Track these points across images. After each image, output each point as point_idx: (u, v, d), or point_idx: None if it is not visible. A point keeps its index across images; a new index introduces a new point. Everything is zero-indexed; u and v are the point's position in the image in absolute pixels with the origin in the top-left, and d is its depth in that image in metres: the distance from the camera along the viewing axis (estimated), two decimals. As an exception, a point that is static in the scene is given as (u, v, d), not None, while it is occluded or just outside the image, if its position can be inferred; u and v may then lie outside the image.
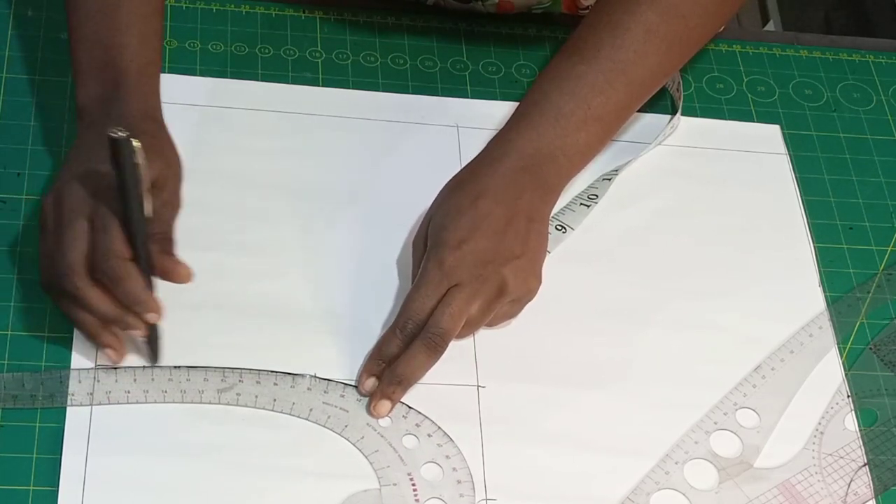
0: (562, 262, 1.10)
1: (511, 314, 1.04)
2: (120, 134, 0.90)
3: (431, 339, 0.99)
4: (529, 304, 1.05)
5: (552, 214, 1.07)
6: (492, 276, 1.00)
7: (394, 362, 0.99)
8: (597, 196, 1.14)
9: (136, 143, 0.92)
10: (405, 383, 0.99)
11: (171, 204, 1.01)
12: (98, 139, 0.96)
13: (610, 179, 1.15)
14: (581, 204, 1.13)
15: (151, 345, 0.99)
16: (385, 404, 0.99)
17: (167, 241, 0.99)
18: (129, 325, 0.96)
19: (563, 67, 1.07)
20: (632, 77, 1.06)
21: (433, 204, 1.05)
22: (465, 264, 1.00)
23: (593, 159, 1.09)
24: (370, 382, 1.00)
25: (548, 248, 1.05)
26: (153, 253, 0.97)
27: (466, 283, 0.99)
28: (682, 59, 1.10)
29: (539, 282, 1.03)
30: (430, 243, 1.02)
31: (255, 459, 0.96)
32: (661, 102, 1.21)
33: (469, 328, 1.01)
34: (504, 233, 1.01)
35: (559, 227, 1.11)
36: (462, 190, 1.03)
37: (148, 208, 0.95)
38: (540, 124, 1.05)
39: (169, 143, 1.03)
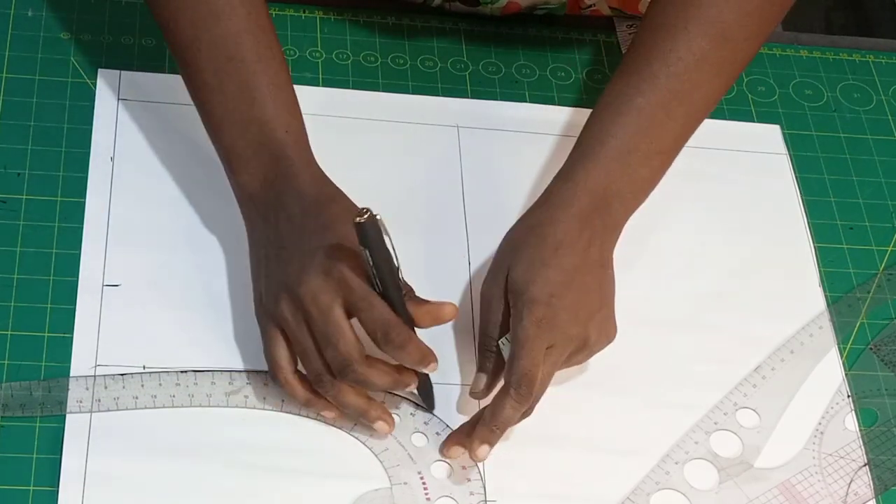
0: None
1: (582, 360, 1.02)
2: (366, 217, 0.90)
3: (522, 393, 0.96)
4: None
5: None
6: (579, 335, 0.99)
7: (507, 428, 0.97)
8: None
9: (379, 217, 0.91)
10: (499, 436, 0.97)
11: None
12: (294, 221, 0.97)
13: None
14: None
15: (424, 390, 0.99)
16: (485, 448, 0.96)
17: (409, 290, 0.98)
18: (407, 384, 0.96)
19: (621, 101, 1.05)
20: (688, 107, 1.05)
21: (506, 248, 1.02)
22: (559, 323, 0.97)
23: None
24: (485, 451, 0.96)
25: None
26: (413, 306, 0.96)
27: (560, 343, 0.98)
28: (731, 83, 1.09)
29: (616, 330, 1.02)
30: (517, 298, 0.98)
31: (262, 459, 0.96)
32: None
33: (547, 379, 0.99)
34: (586, 286, 1.00)
35: None
36: (540, 239, 1.00)
37: (400, 271, 0.95)
38: (606, 163, 1.03)
39: (344, 197, 1.01)
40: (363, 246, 0.92)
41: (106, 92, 1.13)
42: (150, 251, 1.05)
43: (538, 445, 1.01)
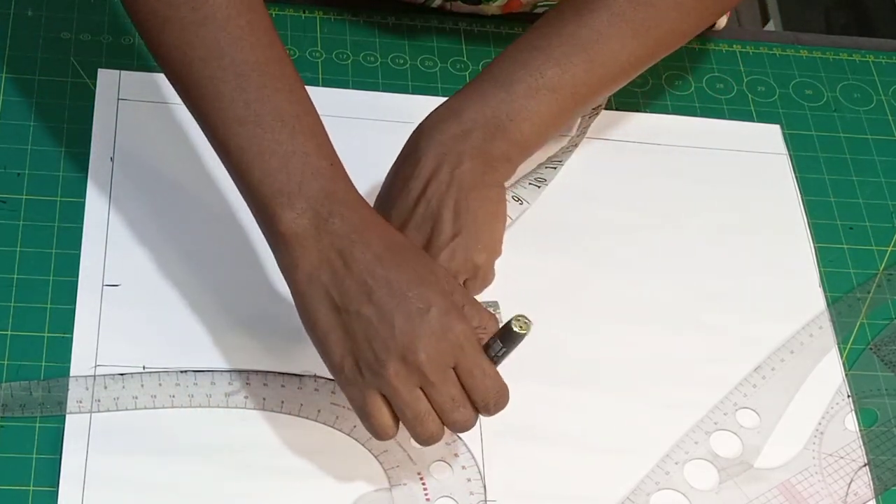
0: (562, 262, 1.10)
1: (474, 289, 0.98)
2: (524, 326, 0.90)
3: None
4: (528, 303, 1.05)
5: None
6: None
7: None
8: (545, 180, 1.10)
9: (530, 321, 0.91)
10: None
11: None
12: (384, 277, 0.90)
13: (555, 168, 1.11)
14: (530, 184, 1.09)
15: None
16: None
17: None
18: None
19: (521, 43, 1.04)
20: (592, 55, 1.02)
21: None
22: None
23: (548, 136, 1.03)
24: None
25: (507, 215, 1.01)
26: None
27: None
28: (654, 50, 1.07)
29: (485, 253, 0.97)
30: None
31: (261, 460, 0.96)
32: (656, 102, 1.21)
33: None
34: (439, 219, 0.96)
35: (515, 198, 1.06)
36: (397, 171, 0.99)
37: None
38: (486, 91, 1.01)
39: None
40: (503, 343, 0.91)
41: (106, 92, 1.13)
42: (150, 251, 1.05)
43: (538, 445, 1.01)
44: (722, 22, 1.29)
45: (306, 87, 1.16)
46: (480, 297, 0.97)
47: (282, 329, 1.03)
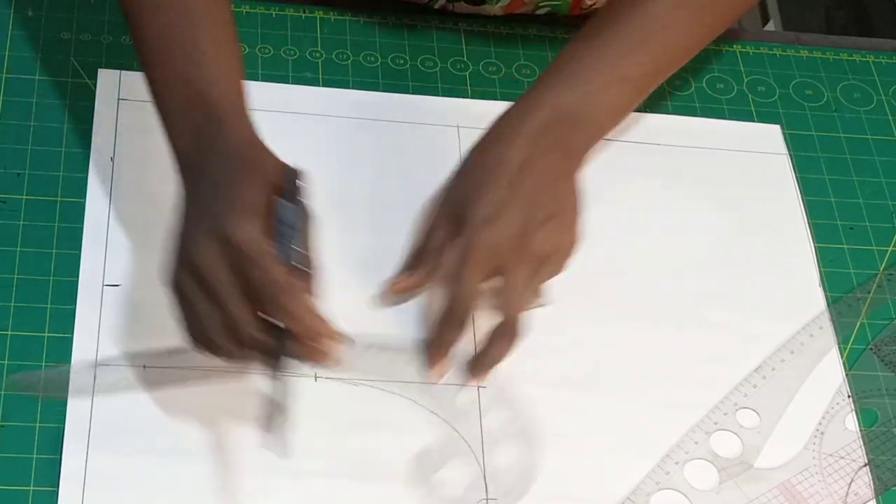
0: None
1: (555, 274, 1.03)
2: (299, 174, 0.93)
3: (511, 327, 1.00)
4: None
5: None
6: (529, 246, 0.99)
7: (454, 345, 1.01)
8: None
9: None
10: (491, 369, 1.01)
11: None
12: (209, 184, 0.93)
13: None
14: None
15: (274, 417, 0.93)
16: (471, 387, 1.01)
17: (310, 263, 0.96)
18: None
19: (588, 34, 1.07)
20: (660, 43, 1.06)
21: (454, 171, 1.04)
22: (501, 241, 0.99)
23: (619, 125, 1.08)
24: (440, 370, 1.01)
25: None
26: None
27: (509, 261, 0.99)
28: (712, 31, 1.11)
29: (575, 238, 1.02)
30: (460, 221, 1.00)
31: (262, 458, 0.96)
32: (656, 102, 1.21)
33: (530, 299, 1.02)
34: (533, 200, 1.00)
35: None
36: (483, 158, 1.02)
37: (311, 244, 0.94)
38: (562, 85, 1.04)
39: (272, 157, 0.98)
40: (289, 200, 0.93)
41: (106, 92, 1.13)
42: (150, 251, 1.04)
43: (539, 445, 1.01)
44: None
45: (307, 87, 1.17)
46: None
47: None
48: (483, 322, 1.03)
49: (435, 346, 1.01)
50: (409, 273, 1.04)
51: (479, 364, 1.01)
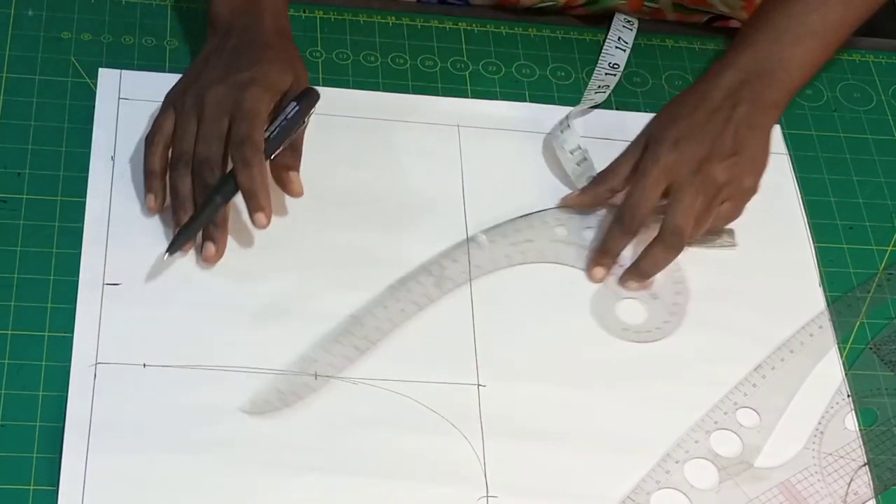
0: (561, 261, 1.10)
1: (731, 216, 1.11)
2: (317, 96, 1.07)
3: (670, 238, 1.06)
4: (529, 303, 1.05)
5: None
6: (708, 172, 1.06)
7: (616, 255, 1.08)
8: (609, 87, 1.21)
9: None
10: (646, 277, 1.08)
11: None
12: (237, 47, 1.06)
13: (615, 75, 1.22)
14: (597, 92, 1.20)
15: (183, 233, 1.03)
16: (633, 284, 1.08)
17: (296, 155, 1.06)
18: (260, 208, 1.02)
19: None
20: None
21: (653, 119, 1.12)
22: (683, 161, 1.06)
23: (814, 75, 1.17)
24: (600, 272, 1.08)
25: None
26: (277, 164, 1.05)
27: (685, 180, 1.06)
28: None
29: (756, 183, 1.10)
30: (648, 143, 1.09)
31: (262, 457, 0.96)
32: (656, 102, 1.21)
33: (698, 226, 1.07)
34: (721, 135, 1.08)
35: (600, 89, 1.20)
36: (680, 103, 1.11)
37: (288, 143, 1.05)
38: (757, 41, 1.13)
39: (299, 60, 1.10)
40: (298, 102, 1.05)
41: (106, 91, 1.13)
42: (150, 251, 1.05)
43: (540, 443, 1.01)
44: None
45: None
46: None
47: (282, 327, 1.03)
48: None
49: (601, 249, 1.09)
50: (594, 187, 1.11)
51: (636, 269, 1.08)
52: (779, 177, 1.19)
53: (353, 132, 1.15)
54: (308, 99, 1.07)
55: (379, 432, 0.99)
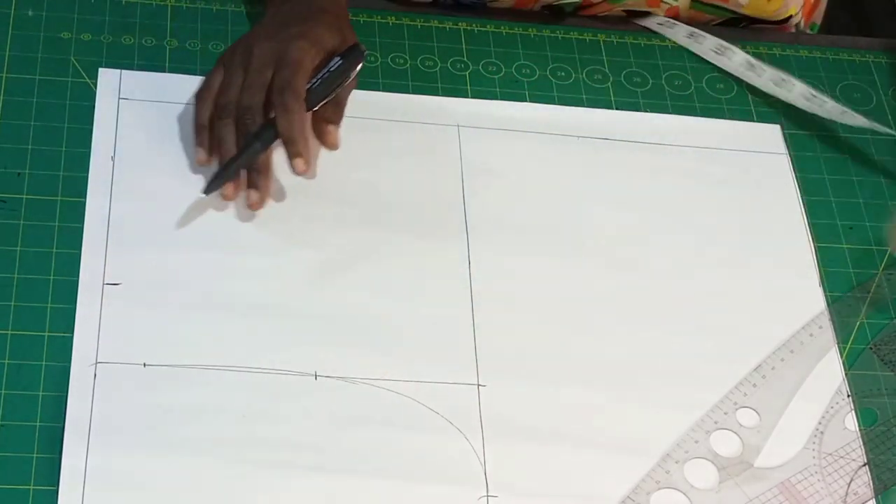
0: (561, 261, 1.10)
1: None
2: (365, 50, 1.10)
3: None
4: (529, 303, 1.05)
5: None
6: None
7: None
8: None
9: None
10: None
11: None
12: (291, 11, 1.11)
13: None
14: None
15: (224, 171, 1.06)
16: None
17: (338, 110, 1.10)
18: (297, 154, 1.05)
19: None
20: None
21: None
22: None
23: None
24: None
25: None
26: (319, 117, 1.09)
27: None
28: None
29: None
30: None
31: (263, 456, 0.96)
32: (656, 102, 1.21)
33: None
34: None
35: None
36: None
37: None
38: None
39: (349, 26, 1.13)
40: (342, 57, 1.08)
41: (106, 91, 1.13)
42: (150, 251, 1.05)
43: (540, 443, 1.01)
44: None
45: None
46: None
47: (282, 328, 1.03)
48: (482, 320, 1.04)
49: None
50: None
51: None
52: (779, 177, 1.20)
53: (354, 132, 1.15)
54: (353, 54, 1.09)
55: (379, 432, 0.99)
